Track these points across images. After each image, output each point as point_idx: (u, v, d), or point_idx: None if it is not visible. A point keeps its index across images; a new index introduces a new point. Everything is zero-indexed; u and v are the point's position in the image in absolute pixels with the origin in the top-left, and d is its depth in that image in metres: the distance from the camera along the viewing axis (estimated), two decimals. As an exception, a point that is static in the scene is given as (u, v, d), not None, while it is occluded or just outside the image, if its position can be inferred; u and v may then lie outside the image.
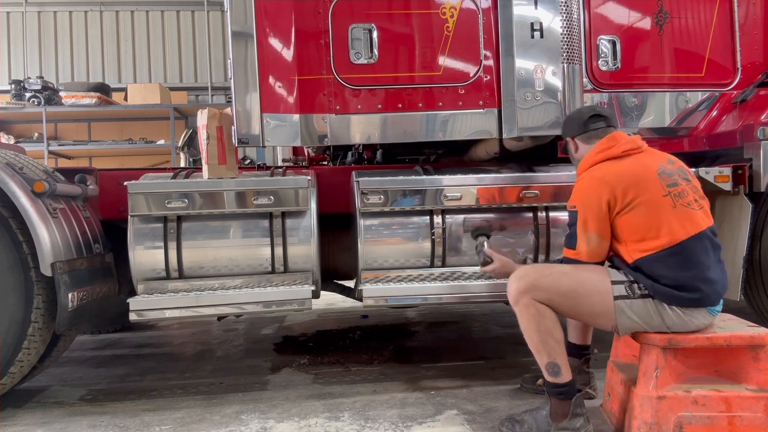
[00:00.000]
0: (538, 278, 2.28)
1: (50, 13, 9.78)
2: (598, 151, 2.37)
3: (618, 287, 2.25)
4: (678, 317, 2.22)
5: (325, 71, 3.03)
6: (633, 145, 2.36)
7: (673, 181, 2.28)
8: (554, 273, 2.31)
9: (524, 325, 2.30)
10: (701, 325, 2.26)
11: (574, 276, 2.28)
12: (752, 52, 3.51)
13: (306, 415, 2.74)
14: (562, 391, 2.31)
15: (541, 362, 2.31)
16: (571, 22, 3.05)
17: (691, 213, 2.25)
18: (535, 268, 2.43)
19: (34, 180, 2.75)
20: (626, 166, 2.29)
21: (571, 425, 2.31)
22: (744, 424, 2.18)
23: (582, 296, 2.26)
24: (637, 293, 2.24)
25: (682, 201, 2.25)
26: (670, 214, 2.22)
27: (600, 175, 2.29)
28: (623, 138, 2.39)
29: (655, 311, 2.23)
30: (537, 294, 2.25)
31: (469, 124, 3.14)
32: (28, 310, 2.74)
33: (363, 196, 2.99)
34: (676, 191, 2.25)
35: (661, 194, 2.23)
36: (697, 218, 2.25)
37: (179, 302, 2.85)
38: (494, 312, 4.92)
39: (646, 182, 2.24)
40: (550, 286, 2.26)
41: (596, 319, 2.34)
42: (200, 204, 2.94)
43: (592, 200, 2.27)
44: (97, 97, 8.00)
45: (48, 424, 2.77)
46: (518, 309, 2.29)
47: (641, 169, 2.28)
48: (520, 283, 2.29)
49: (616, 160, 2.32)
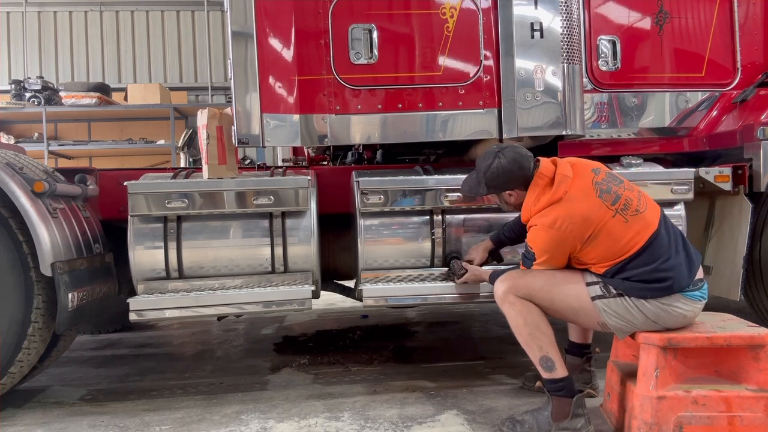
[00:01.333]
0: (517, 277, 2.42)
1: (50, 13, 9.78)
2: (539, 195, 2.36)
3: (593, 288, 2.32)
4: (657, 308, 2.25)
5: (325, 71, 3.03)
6: (566, 183, 2.32)
7: (613, 196, 2.30)
8: (532, 271, 2.41)
9: (512, 322, 2.39)
10: (688, 312, 2.28)
11: (549, 273, 2.39)
12: (752, 52, 3.51)
13: (306, 415, 2.74)
14: (560, 386, 2.34)
15: (534, 358, 2.36)
16: (571, 22, 3.05)
17: (641, 218, 2.29)
18: (516, 270, 2.51)
19: (34, 180, 2.75)
20: (572, 210, 2.28)
21: (572, 425, 2.32)
22: (744, 424, 2.18)
23: (556, 292, 2.35)
24: (612, 292, 2.29)
25: (630, 211, 2.29)
26: (625, 230, 2.26)
27: (553, 224, 2.28)
28: (550, 170, 2.37)
29: (633, 307, 2.27)
30: (518, 291, 2.37)
31: (469, 124, 3.14)
32: (28, 310, 2.74)
33: (363, 196, 2.99)
34: (620, 205, 2.29)
35: (610, 216, 2.27)
36: (648, 218, 2.30)
37: (179, 302, 2.85)
38: (494, 312, 4.92)
39: (596, 214, 2.27)
40: (528, 283, 2.38)
41: (576, 316, 2.41)
42: (200, 204, 2.94)
43: (551, 249, 2.33)
44: (97, 97, 8.00)
45: (48, 424, 2.77)
46: (505, 308, 2.40)
47: (585, 205, 2.28)
48: (503, 284, 2.42)
49: (558, 204, 2.31)
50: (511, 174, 2.42)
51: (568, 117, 3.06)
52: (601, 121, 3.41)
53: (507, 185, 2.46)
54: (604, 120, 3.42)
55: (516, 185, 2.45)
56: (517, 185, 2.45)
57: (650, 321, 2.27)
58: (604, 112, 3.41)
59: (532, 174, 2.41)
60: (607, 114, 3.41)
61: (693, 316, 2.33)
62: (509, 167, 2.41)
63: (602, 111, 3.41)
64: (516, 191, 2.47)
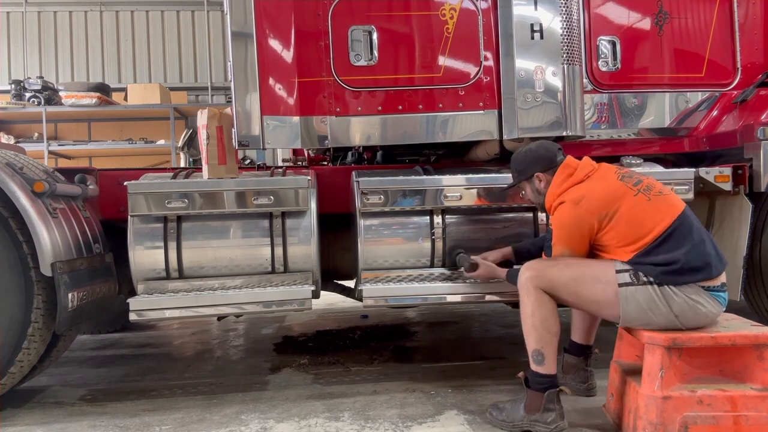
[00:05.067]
0: (544, 267, 2.42)
1: (50, 13, 9.78)
2: (563, 180, 2.47)
3: (623, 275, 2.30)
4: (684, 302, 2.23)
5: (325, 73, 3.03)
6: (590, 167, 2.46)
7: (635, 179, 2.40)
8: (560, 263, 2.41)
9: (523, 308, 2.42)
10: (709, 312, 2.26)
11: (578, 265, 2.39)
12: (752, 52, 3.51)
13: (306, 415, 2.75)
14: (540, 381, 2.38)
15: (529, 347, 2.40)
16: (571, 22, 3.05)
17: (665, 198, 2.34)
18: (543, 260, 2.55)
19: (34, 180, 2.75)
20: (593, 188, 2.38)
21: (543, 418, 2.37)
22: (749, 423, 2.18)
23: (583, 284, 2.35)
24: (642, 280, 2.27)
25: (653, 192, 2.35)
26: (649, 208, 2.30)
27: (576, 201, 2.35)
28: (576, 162, 2.51)
29: (661, 298, 2.24)
30: (542, 281, 2.37)
31: (469, 125, 3.14)
32: (28, 310, 2.74)
33: (363, 196, 2.99)
34: (643, 186, 2.36)
35: (632, 194, 2.33)
36: (673, 200, 2.36)
37: (179, 302, 2.85)
38: (494, 312, 4.92)
39: (616, 193, 2.33)
40: (554, 275, 2.37)
41: (600, 308, 2.41)
42: (200, 204, 2.94)
43: (570, 226, 2.38)
44: (97, 97, 8.00)
45: (48, 424, 2.77)
46: (521, 294, 2.42)
47: (605, 184, 2.38)
48: (528, 271, 2.43)
49: (581, 184, 2.41)
50: (538, 156, 2.57)
51: (568, 118, 3.06)
52: (601, 121, 3.42)
53: (535, 167, 2.57)
54: (605, 120, 3.42)
55: (543, 168, 2.54)
56: (544, 168, 2.54)
57: (672, 315, 2.24)
58: (604, 112, 3.41)
59: (559, 161, 2.52)
60: (607, 114, 3.42)
61: (713, 319, 2.31)
62: (536, 150, 2.59)
63: (602, 111, 3.41)
64: (544, 175, 2.54)
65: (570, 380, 2.83)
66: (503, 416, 2.49)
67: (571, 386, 2.79)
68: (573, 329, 2.90)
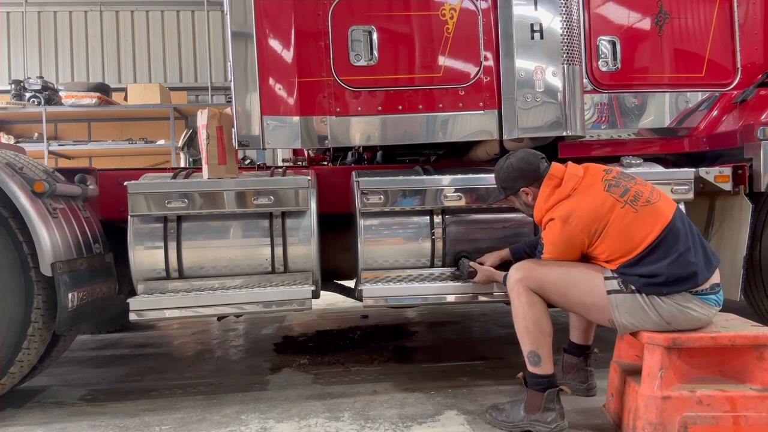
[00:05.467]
0: (533, 268, 2.44)
1: (50, 13, 9.78)
2: (549, 194, 2.44)
3: (611, 282, 2.31)
4: (673, 308, 2.24)
5: (325, 73, 3.03)
6: (575, 180, 2.42)
7: (622, 189, 2.35)
8: (548, 264, 2.42)
9: (514, 311, 2.43)
10: (702, 316, 2.27)
11: (567, 268, 2.40)
12: (752, 52, 3.51)
13: (306, 415, 2.75)
14: (539, 382, 2.38)
15: (524, 349, 2.41)
16: (571, 22, 3.05)
17: (653, 208, 2.31)
18: (532, 260, 2.54)
19: (34, 180, 2.75)
20: (580, 205, 2.35)
21: (543, 418, 2.37)
22: (749, 423, 2.18)
23: (570, 286, 2.36)
24: (630, 288, 2.29)
25: (640, 202, 2.32)
26: (637, 221, 2.28)
27: (565, 218, 2.34)
28: (561, 171, 2.47)
29: (649, 305, 2.26)
30: (530, 282, 2.38)
31: (469, 125, 3.14)
32: (28, 310, 2.74)
33: (363, 196, 2.99)
34: (629, 197, 2.32)
35: (619, 207, 2.30)
36: (661, 209, 2.32)
37: (179, 302, 2.85)
38: (494, 312, 4.92)
39: (603, 207, 2.31)
40: (542, 275, 2.39)
41: (587, 311, 2.43)
42: (200, 204, 2.94)
43: (560, 243, 2.39)
44: (97, 97, 8.00)
45: (48, 424, 2.77)
46: (512, 296, 2.43)
47: (592, 198, 2.34)
48: (517, 273, 2.44)
49: (568, 200, 2.38)
50: (520, 171, 2.52)
51: (568, 118, 3.06)
52: (601, 121, 3.42)
53: (519, 183, 2.54)
54: (605, 120, 3.42)
55: (528, 182, 2.52)
56: (529, 182, 2.51)
57: (663, 321, 2.26)
58: (604, 112, 3.41)
59: (543, 173, 2.48)
60: (607, 114, 3.42)
61: (707, 321, 2.32)
62: (518, 164, 2.54)
63: (602, 111, 3.41)
64: (530, 189, 2.52)
65: (570, 380, 2.84)
66: (503, 416, 2.49)
67: (571, 386, 2.79)
68: (571, 329, 2.90)
